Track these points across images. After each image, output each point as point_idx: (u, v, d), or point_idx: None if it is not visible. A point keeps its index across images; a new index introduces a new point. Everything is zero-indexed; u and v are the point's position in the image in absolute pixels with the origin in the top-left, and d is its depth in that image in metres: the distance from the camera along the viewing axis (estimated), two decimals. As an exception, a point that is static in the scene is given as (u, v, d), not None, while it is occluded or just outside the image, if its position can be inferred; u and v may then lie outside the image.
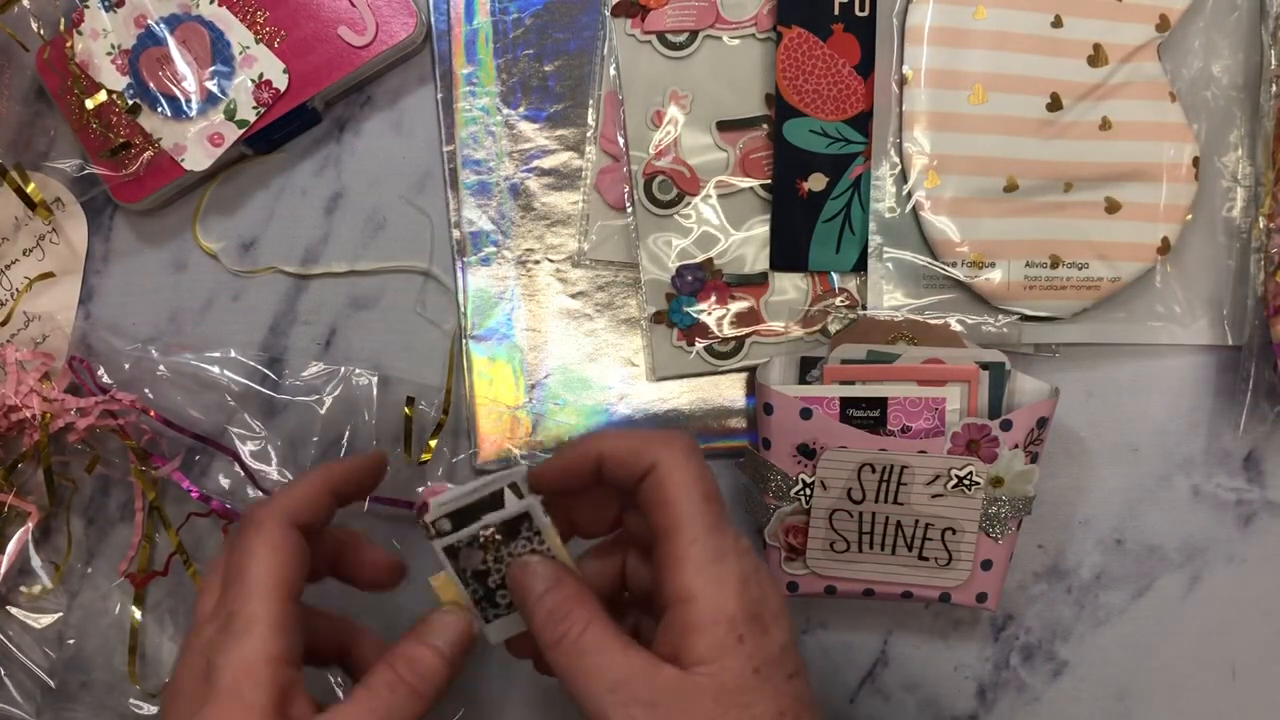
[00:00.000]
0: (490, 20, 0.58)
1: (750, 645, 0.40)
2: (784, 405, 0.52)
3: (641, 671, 0.39)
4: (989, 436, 0.52)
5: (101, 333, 0.58)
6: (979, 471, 0.51)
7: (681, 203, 0.57)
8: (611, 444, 0.44)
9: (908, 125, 0.55)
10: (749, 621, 0.40)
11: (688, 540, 0.41)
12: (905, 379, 0.53)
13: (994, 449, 0.52)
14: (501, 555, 0.44)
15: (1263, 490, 0.58)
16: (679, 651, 0.40)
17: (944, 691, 0.58)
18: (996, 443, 0.52)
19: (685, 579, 0.40)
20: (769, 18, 0.56)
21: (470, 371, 0.58)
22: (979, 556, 0.53)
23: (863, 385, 0.53)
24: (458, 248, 0.58)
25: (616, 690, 0.39)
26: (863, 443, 0.52)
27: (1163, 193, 0.56)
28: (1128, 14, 0.55)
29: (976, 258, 0.55)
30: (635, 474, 0.43)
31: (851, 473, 0.52)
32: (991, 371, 0.53)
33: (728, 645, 0.39)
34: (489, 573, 0.44)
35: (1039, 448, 0.53)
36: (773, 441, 0.53)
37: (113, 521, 0.59)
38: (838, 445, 0.52)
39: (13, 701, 0.57)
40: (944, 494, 0.52)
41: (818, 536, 0.53)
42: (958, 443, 0.52)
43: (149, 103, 0.56)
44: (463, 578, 0.45)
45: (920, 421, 0.52)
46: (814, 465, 0.52)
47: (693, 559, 0.40)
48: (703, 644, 0.39)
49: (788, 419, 0.52)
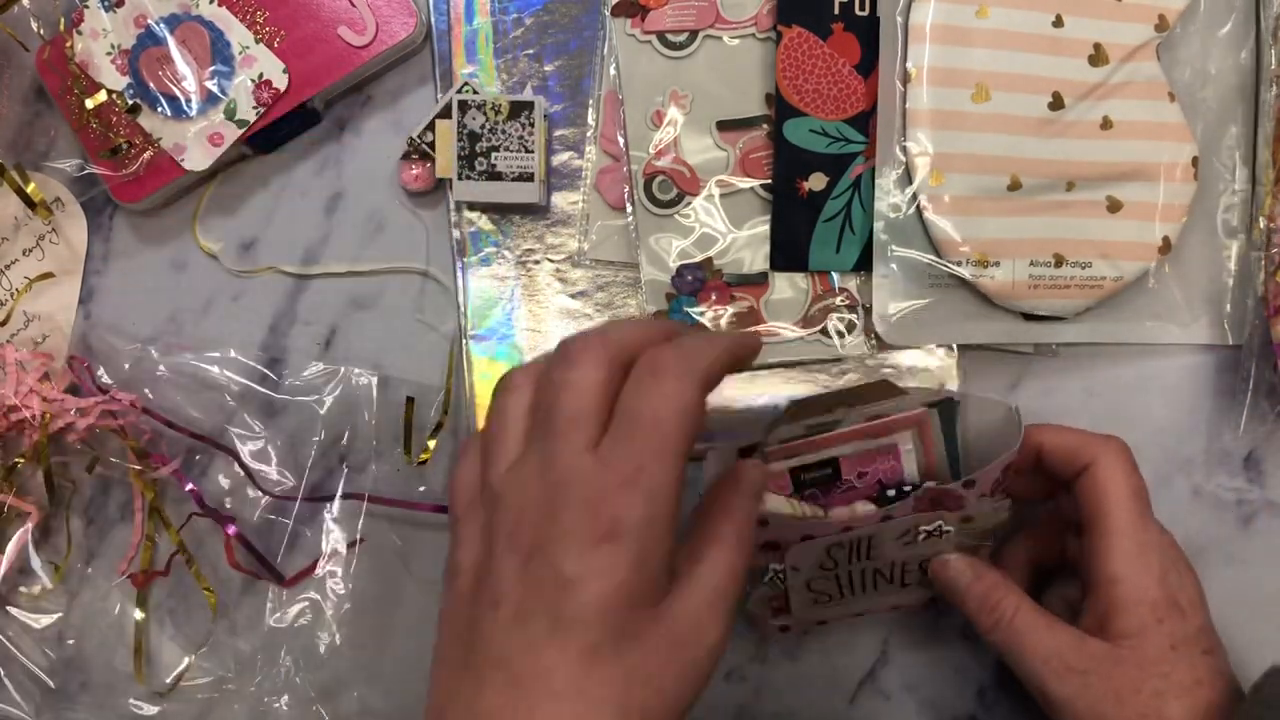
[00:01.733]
0: (490, 20, 0.58)
1: (1169, 626, 0.46)
2: None
3: (1069, 645, 0.47)
4: (953, 495, 0.49)
5: (101, 333, 0.58)
6: (948, 521, 0.50)
7: (681, 203, 0.57)
8: (1053, 439, 0.50)
9: (911, 124, 0.54)
10: (1168, 606, 0.46)
11: (1117, 531, 0.47)
12: (852, 440, 0.50)
13: (960, 503, 0.49)
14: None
15: (1263, 490, 0.58)
16: (1104, 625, 0.47)
17: (944, 692, 0.58)
18: (962, 499, 0.49)
19: (1113, 565, 0.47)
20: (769, 17, 0.56)
21: (470, 371, 0.58)
22: None
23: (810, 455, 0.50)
24: (457, 248, 0.58)
25: (1049, 661, 0.46)
26: (824, 530, 0.49)
27: (1164, 192, 0.56)
28: (1127, 14, 0.55)
29: (980, 257, 0.55)
30: (1075, 468, 0.49)
31: (820, 552, 0.50)
32: (941, 410, 0.50)
33: (1149, 624, 0.46)
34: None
35: (1008, 484, 0.50)
36: None
37: (113, 521, 0.59)
38: (800, 539, 0.49)
39: (12, 702, 0.57)
40: (914, 543, 0.50)
41: (799, 600, 0.53)
42: (921, 503, 0.49)
43: (149, 103, 0.56)
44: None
45: (876, 464, 0.50)
46: (782, 554, 0.50)
47: (1120, 548, 0.47)
48: (1127, 621, 0.46)
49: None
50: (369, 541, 0.58)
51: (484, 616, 0.37)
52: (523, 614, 0.37)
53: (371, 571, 0.58)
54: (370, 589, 0.58)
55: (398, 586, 0.58)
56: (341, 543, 0.57)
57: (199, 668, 0.58)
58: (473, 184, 0.56)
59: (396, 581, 0.58)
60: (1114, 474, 0.48)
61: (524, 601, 0.37)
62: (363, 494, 0.57)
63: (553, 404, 0.38)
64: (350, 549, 0.57)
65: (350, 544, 0.57)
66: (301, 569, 0.57)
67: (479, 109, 0.56)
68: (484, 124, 0.56)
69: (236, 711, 0.57)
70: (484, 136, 0.56)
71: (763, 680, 0.58)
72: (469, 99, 0.56)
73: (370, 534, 0.58)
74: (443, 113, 0.57)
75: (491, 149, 0.56)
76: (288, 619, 0.57)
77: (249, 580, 0.58)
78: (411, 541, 0.58)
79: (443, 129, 0.57)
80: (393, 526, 0.58)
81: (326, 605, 0.57)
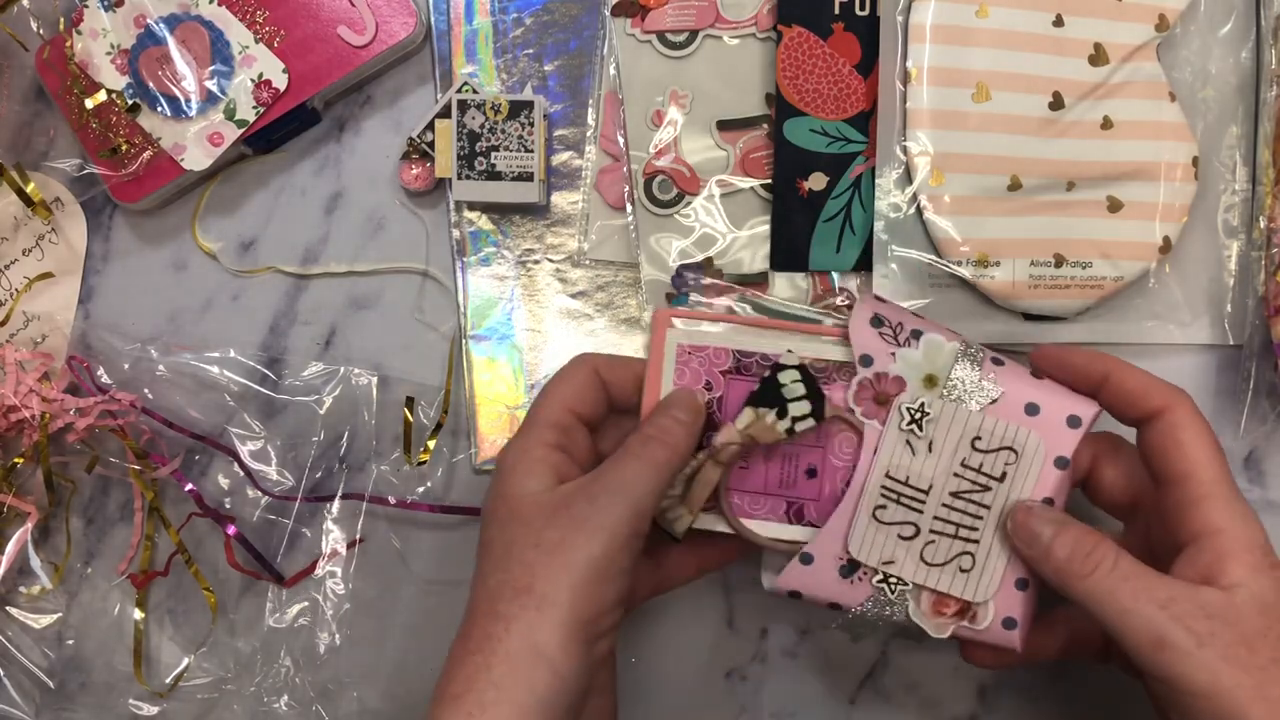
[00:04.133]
0: (490, 20, 0.58)
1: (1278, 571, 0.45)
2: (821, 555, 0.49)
3: (1184, 591, 0.44)
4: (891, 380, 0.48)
5: (101, 332, 0.58)
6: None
7: (681, 203, 0.57)
8: (1124, 371, 0.48)
9: (911, 124, 0.54)
10: (1273, 552, 0.45)
11: (1212, 481, 0.46)
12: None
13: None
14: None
15: (1263, 490, 0.58)
16: (1213, 575, 0.44)
17: (944, 692, 0.58)
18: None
19: (1214, 515, 0.45)
20: (769, 17, 0.56)
21: (470, 371, 0.58)
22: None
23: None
24: (457, 248, 0.58)
25: (1169, 606, 0.43)
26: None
27: (1164, 192, 0.56)
28: (1127, 14, 0.55)
29: (981, 256, 0.55)
30: (1142, 410, 0.47)
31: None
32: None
33: (1262, 568, 0.44)
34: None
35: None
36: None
37: (112, 521, 0.59)
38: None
39: (12, 702, 0.57)
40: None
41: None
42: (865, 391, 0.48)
43: (149, 102, 0.56)
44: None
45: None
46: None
47: (1218, 496, 0.45)
48: (1239, 568, 0.44)
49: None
50: (368, 541, 0.58)
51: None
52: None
53: (371, 572, 0.58)
54: (370, 589, 0.58)
55: (397, 587, 0.58)
56: (341, 543, 0.57)
57: (199, 668, 0.58)
58: (472, 184, 0.56)
59: (396, 582, 0.58)
60: (1197, 424, 0.47)
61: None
62: (362, 494, 0.57)
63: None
64: (350, 549, 0.57)
65: (350, 544, 0.57)
66: (301, 569, 0.57)
67: (479, 109, 0.56)
68: (484, 124, 0.56)
69: (236, 711, 0.57)
70: (484, 136, 0.56)
71: (763, 680, 0.58)
72: (469, 99, 0.56)
73: (369, 534, 0.58)
74: (443, 112, 0.57)
75: (491, 149, 0.56)
76: (287, 619, 0.57)
77: (249, 580, 0.57)
78: (411, 541, 0.58)
79: (442, 129, 0.57)
80: (392, 527, 0.58)
81: (326, 605, 0.57)
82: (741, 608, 0.58)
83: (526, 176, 0.56)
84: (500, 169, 0.56)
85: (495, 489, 0.46)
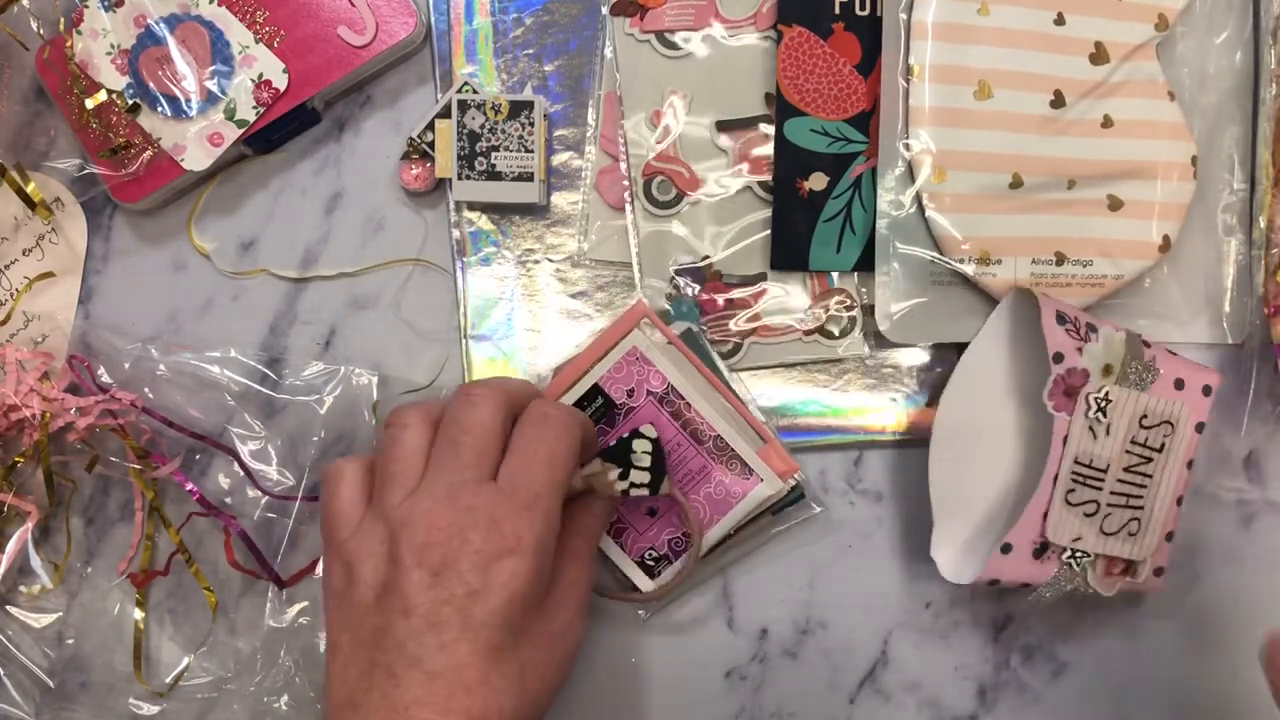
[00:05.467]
0: (490, 20, 0.58)
1: None
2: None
3: None
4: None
5: (101, 332, 0.58)
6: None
7: (681, 203, 0.57)
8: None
9: (913, 121, 0.55)
10: None
11: None
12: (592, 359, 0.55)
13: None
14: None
15: (1263, 490, 0.58)
16: None
17: (944, 692, 0.58)
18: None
19: None
20: (769, 16, 0.56)
21: (470, 371, 0.58)
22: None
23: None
24: (457, 248, 0.58)
25: None
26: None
27: (1163, 191, 0.56)
28: (1127, 13, 0.56)
29: (982, 254, 0.55)
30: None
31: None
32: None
33: None
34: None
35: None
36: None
37: (113, 521, 0.59)
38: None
39: (12, 702, 0.57)
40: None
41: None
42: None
43: (149, 102, 0.56)
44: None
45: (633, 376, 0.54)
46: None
47: None
48: None
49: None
50: (369, 541, 0.57)
51: (395, 623, 0.44)
52: (435, 620, 0.43)
53: (371, 571, 0.58)
54: (370, 589, 0.58)
55: (398, 586, 0.58)
56: (341, 543, 0.57)
57: (199, 667, 0.58)
58: (473, 184, 0.56)
59: (396, 581, 0.58)
60: None
61: (435, 609, 0.43)
62: (363, 494, 0.57)
63: (458, 439, 0.46)
64: (350, 549, 0.57)
65: (350, 544, 0.57)
66: (301, 569, 0.57)
67: (479, 109, 0.56)
68: (484, 124, 0.56)
69: (236, 711, 0.57)
70: (484, 136, 0.56)
71: (763, 680, 0.58)
72: (469, 99, 0.56)
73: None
74: (443, 112, 0.57)
75: (491, 149, 0.56)
76: (287, 619, 0.57)
77: (249, 580, 0.57)
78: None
79: (443, 129, 0.57)
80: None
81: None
82: (742, 608, 0.58)
83: (527, 177, 0.56)
84: (500, 169, 0.56)
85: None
